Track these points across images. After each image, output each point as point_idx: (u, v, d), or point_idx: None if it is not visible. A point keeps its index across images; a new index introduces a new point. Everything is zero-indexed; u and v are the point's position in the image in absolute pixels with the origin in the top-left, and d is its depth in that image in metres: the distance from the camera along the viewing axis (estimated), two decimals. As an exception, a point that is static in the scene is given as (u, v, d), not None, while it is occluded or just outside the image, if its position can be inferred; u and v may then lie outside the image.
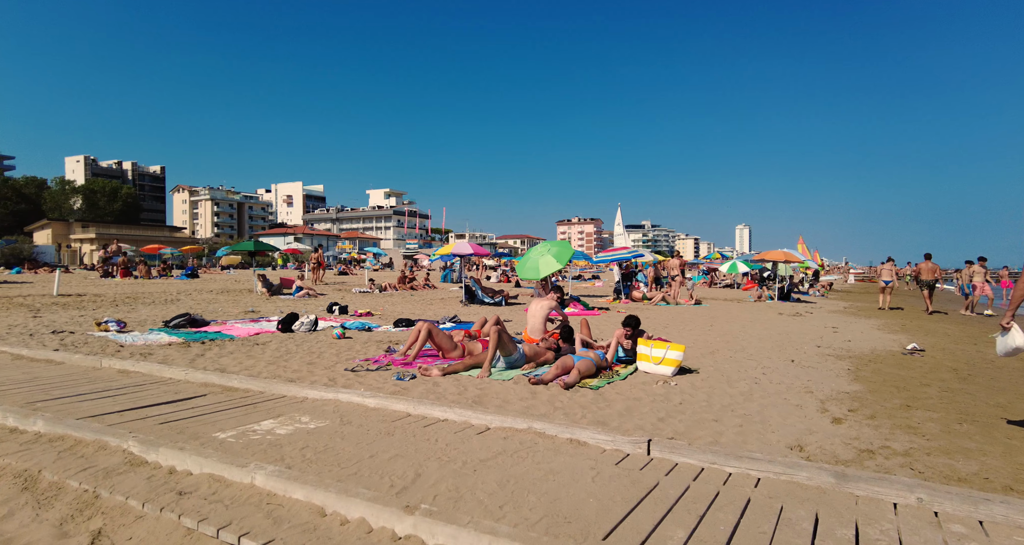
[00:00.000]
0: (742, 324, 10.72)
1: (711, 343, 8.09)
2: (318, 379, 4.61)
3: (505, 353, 5.27)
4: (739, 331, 9.56)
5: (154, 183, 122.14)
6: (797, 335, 9.26)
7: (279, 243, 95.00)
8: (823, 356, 7.31)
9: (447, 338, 5.61)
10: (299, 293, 16.41)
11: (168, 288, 17.70)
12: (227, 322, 9.47)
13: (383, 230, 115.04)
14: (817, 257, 42.75)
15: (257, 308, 12.45)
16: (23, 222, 68.58)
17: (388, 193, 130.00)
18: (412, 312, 12.53)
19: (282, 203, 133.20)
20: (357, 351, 6.56)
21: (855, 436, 3.70)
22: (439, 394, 4.17)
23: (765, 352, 7.46)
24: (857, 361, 6.99)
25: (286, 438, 2.89)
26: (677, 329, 9.70)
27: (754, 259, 20.97)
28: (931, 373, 6.31)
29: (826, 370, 6.32)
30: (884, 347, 8.20)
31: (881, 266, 17.00)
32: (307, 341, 7.44)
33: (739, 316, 12.49)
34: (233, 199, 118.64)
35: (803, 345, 8.19)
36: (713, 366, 6.26)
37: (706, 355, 7.05)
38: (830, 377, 5.95)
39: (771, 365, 6.50)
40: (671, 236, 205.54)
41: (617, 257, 16.75)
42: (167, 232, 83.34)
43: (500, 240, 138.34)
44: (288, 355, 6.13)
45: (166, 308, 11.73)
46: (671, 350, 5.61)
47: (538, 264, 12.52)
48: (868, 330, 10.29)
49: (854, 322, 11.81)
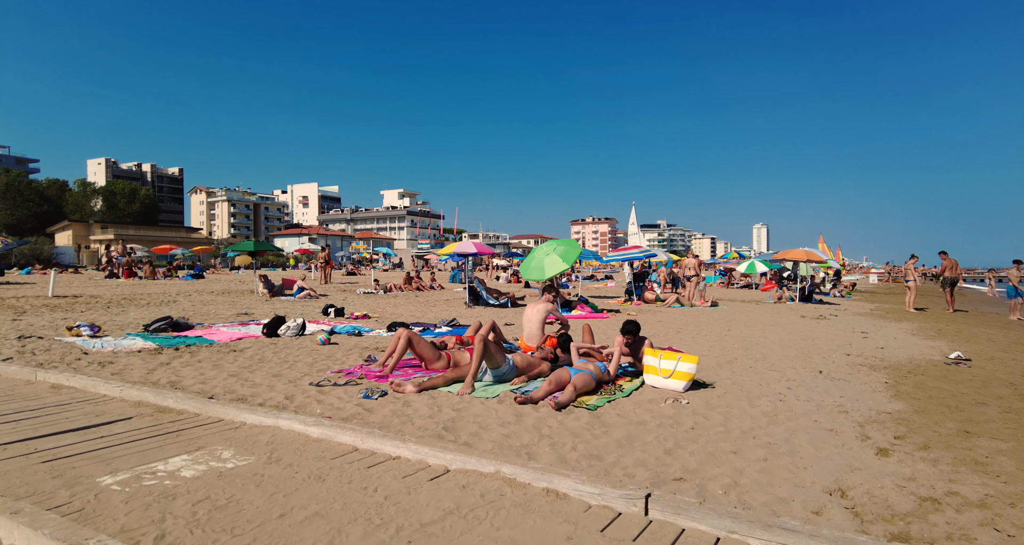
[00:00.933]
0: (762, 328, 9.94)
1: (728, 351, 7.36)
2: (274, 396, 4.03)
3: (492, 365, 4.64)
4: (759, 336, 8.80)
5: (172, 184, 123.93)
6: (823, 341, 8.48)
7: (294, 243, 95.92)
8: (854, 366, 6.55)
9: (429, 347, 4.99)
10: (300, 294, 15.97)
11: (169, 289, 17.39)
12: (213, 326, 8.98)
13: (396, 230, 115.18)
14: (839, 256, 41.42)
15: (252, 310, 11.98)
16: (46, 223, 69.78)
17: (402, 193, 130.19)
18: (412, 314, 11.97)
19: (298, 204, 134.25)
20: (336, 359, 5.98)
21: (910, 475, 3.00)
22: (406, 417, 3.55)
23: (789, 361, 6.72)
24: (894, 372, 6.22)
25: (186, 485, 2.30)
26: (691, 334, 8.97)
27: (774, 258, 20.02)
28: (984, 388, 5.53)
29: (860, 384, 5.58)
30: (923, 355, 7.39)
31: (906, 264, 16.28)
32: (288, 347, 6.89)
33: (758, 319, 11.69)
34: (249, 200, 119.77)
35: (830, 353, 7.42)
36: (731, 379, 5.56)
37: (723, 365, 6.33)
38: (866, 392, 5.21)
39: (796, 377, 5.77)
40: (687, 236, 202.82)
41: (629, 256, 16.01)
42: (184, 233, 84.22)
43: (513, 240, 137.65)
44: (259, 364, 5.58)
45: (157, 310, 11.32)
46: (682, 362, 4.92)
47: (543, 264, 11.86)
48: (902, 335, 9.45)
49: (884, 326, 10.95)
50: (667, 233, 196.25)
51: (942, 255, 14.88)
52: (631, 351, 5.65)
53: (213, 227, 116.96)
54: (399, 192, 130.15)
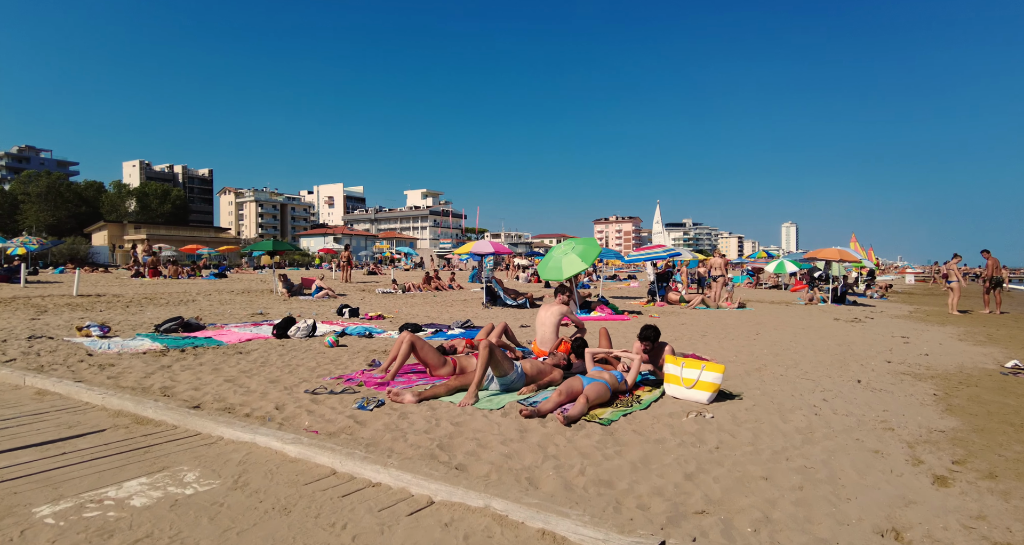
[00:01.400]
0: (793, 332, 9.38)
1: (757, 356, 6.88)
2: (265, 405, 3.77)
3: (499, 373, 4.30)
4: (790, 341, 8.27)
5: (202, 185, 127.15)
6: (860, 347, 7.91)
7: (319, 243, 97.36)
8: (897, 375, 6.01)
9: (434, 352, 4.68)
10: (319, 294, 15.92)
11: (190, 288, 17.55)
12: (225, 326, 8.87)
13: (419, 230, 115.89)
14: (872, 255, 39.85)
15: (268, 310, 11.91)
16: (84, 223, 72.25)
17: (425, 193, 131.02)
18: (427, 315, 11.73)
19: (324, 204, 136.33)
20: (341, 363, 5.74)
21: (977, 513, 2.56)
22: (400, 432, 3.25)
23: (823, 369, 6.22)
24: (943, 383, 5.67)
25: (130, 518, 2.02)
26: (716, 338, 8.49)
27: (804, 258, 19.19)
28: (1047, 402, 4.96)
29: (905, 396, 5.07)
30: (974, 363, 6.79)
31: (948, 264, 15.50)
32: (295, 350, 6.68)
33: (789, 322, 11.10)
34: (276, 200, 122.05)
35: (869, 360, 6.87)
36: (760, 388, 5.11)
37: (751, 373, 5.87)
38: (913, 405, 4.71)
39: (832, 387, 5.28)
40: (713, 234, 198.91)
41: (651, 256, 15.49)
42: (212, 232, 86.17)
43: (536, 239, 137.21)
44: (260, 368, 5.36)
45: (175, 309, 11.32)
46: (707, 371, 4.50)
47: (561, 264, 11.48)
48: (947, 341, 8.78)
49: (926, 330, 10.25)
50: (692, 232, 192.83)
51: (985, 254, 14.32)
52: (650, 358, 5.25)
53: (241, 227, 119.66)
54: (422, 192, 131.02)
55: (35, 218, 72.43)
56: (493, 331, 6.68)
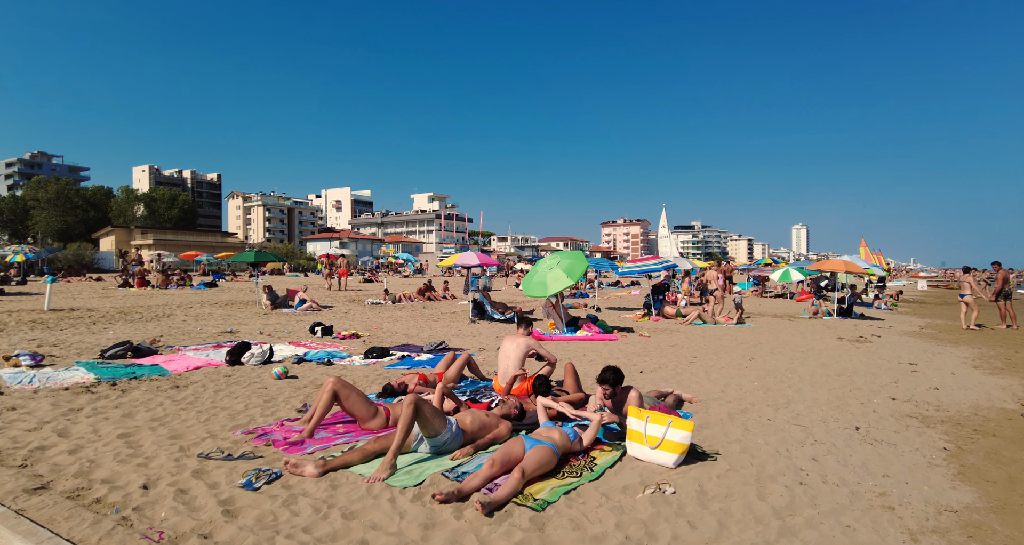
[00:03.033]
0: (791, 356, 8.66)
1: (746, 392, 6.20)
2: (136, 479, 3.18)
3: (429, 432, 3.68)
4: (786, 369, 7.57)
5: (211, 190, 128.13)
6: (863, 377, 7.20)
7: (324, 248, 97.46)
8: (902, 418, 5.32)
9: (362, 402, 4.06)
10: (302, 307, 15.40)
11: (173, 300, 17.11)
12: (183, 349, 8.33)
13: (426, 234, 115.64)
14: (881, 259, 38.75)
15: (241, 327, 11.39)
16: (92, 229, 72.80)
17: (432, 197, 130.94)
18: (406, 332, 11.15)
19: (331, 208, 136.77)
20: (274, 405, 5.16)
21: None
22: (273, 530, 2.63)
23: (819, 409, 5.53)
24: (956, 430, 4.97)
25: None
26: (705, 366, 7.80)
27: (809, 269, 18.41)
28: (1079, 461, 4.25)
29: (910, 450, 4.38)
30: (991, 401, 6.06)
31: (960, 277, 14.77)
32: (238, 382, 6.12)
33: (789, 342, 10.36)
34: (284, 205, 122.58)
35: (872, 395, 6.17)
36: (741, 441, 4.44)
37: (735, 416, 5.20)
38: (919, 466, 4.03)
39: (826, 438, 4.61)
40: (723, 237, 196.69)
41: (645, 268, 14.79)
42: (219, 237, 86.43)
43: (543, 243, 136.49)
44: (180, 411, 4.79)
45: (144, 326, 10.84)
46: (673, 428, 3.86)
47: (546, 279, 10.86)
48: (961, 368, 8.03)
49: (939, 353, 9.48)
50: (702, 235, 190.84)
51: (995, 266, 14.05)
52: (614, 406, 4.60)
53: (249, 231, 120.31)
54: (429, 195, 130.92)
55: (44, 224, 73.11)
56: (453, 363, 6.08)
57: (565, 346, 9.48)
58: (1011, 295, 13.85)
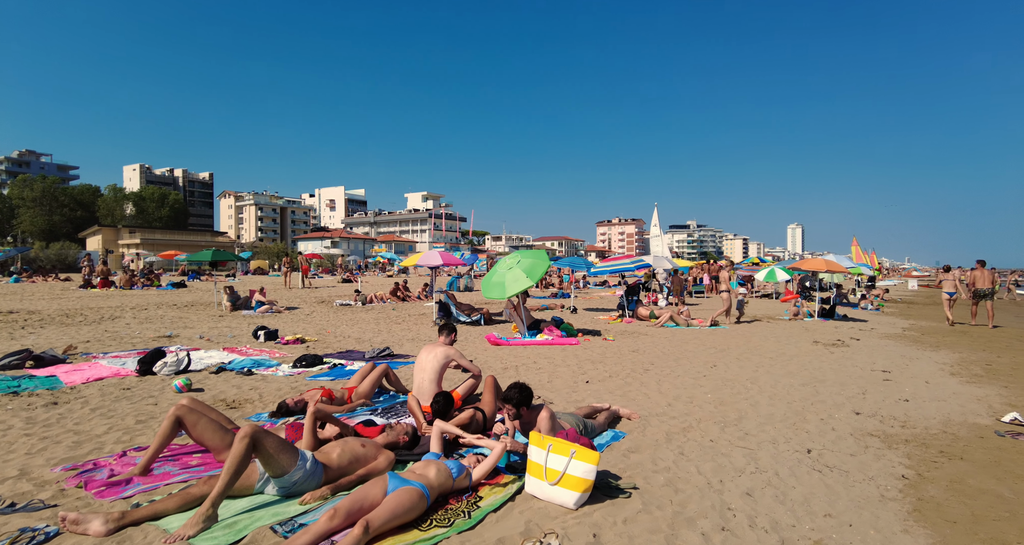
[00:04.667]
0: (757, 363, 8.07)
1: (696, 406, 5.59)
2: None
3: (274, 471, 3.04)
4: (748, 379, 6.97)
5: (203, 189, 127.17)
6: (831, 386, 6.60)
7: (317, 247, 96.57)
8: (862, 437, 4.72)
9: (214, 429, 3.43)
10: (260, 308, 14.75)
11: (130, 302, 16.41)
12: (98, 357, 7.68)
13: (419, 233, 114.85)
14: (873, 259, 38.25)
15: (184, 331, 10.73)
16: (79, 228, 71.83)
17: (426, 196, 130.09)
18: (359, 336, 10.51)
19: (325, 207, 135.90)
20: (150, 427, 4.53)
21: None
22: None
23: (773, 427, 4.93)
24: (920, 452, 4.38)
25: None
26: (659, 374, 7.19)
27: (790, 268, 17.85)
28: (1056, 494, 3.66)
29: (863, 480, 3.78)
30: (963, 415, 5.47)
31: (941, 275, 15.24)
32: (130, 397, 5.49)
33: (760, 346, 9.77)
34: (276, 204, 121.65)
35: (835, 409, 5.58)
36: (669, 471, 3.83)
37: (674, 437, 4.59)
38: (870, 503, 3.43)
39: (770, 465, 4.00)
40: (718, 237, 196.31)
41: (618, 268, 14.18)
42: (210, 236, 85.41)
43: (537, 242, 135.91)
44: (25, 435, 4.16)
45: (78, 330, 10.17)
46: (576, 460, 3.24)
47: (505, 280, 10.24)
48: (937, 376, 7.45)
49: (916, 359, 8.90)
50: (697, 234, 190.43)
51: (978, 265, 14.13)
52: (522, 430, 3.99)
53: (241, 231, 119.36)
54: (423, 195, 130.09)
55: (29, 223, 72.07)
56: (368, 375, 5.46)
57: (520, 351, 8.87)
58: (991, 295, 13.79)
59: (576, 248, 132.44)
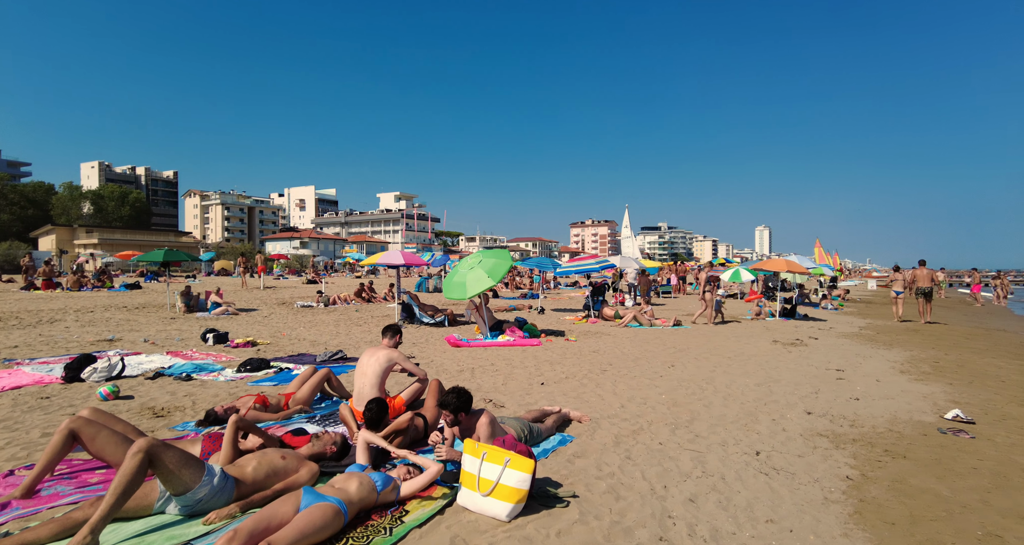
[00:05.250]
0: (715, 363, 8.06)
1: (648, 407, 5.49)
2: None
3: (175, 488, 2.77)
4: (704, 379, 6.93)
5: (167, 188, 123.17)
6: (785, 386, 6.61)
7: (285, 247, 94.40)
8: (812, 437, 4.69)
9: (116, 444, 3.12)
10: (216, 310, 14.19)
11: (74, 304, 15.58)
12: (22, 364, 7.17)
13: (391, 234, 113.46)
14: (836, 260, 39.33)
15: (128, 334, 10.18)
16: (31, 227, 68.53)
17: (399, 196, 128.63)
18: (316, 339, 10.16)
19: (295, 207, 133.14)
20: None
21: None
22: None
23: (723, 428, 4.86)
24: (866, 451, 4.35)
25: None
26: (618, 373, 7.11)
27: (753, 268, 18.13)
28: (997, 490, 3.67)
29: (809, 481, 3.72)
30: (910, 412, 5.51)
31: (892, 275, 16.62)
32: (46, 408, 5.09)
33: (720, 346, 9.80)
34: (244, 203, 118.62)
35: (788, 409, 5.55)
36: (613, 478, 3.70)
37: (623, 440, 4.47)
38: (813, 506, 3.35)
39: (717, 468, 3.91)
40: (688, 238, 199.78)
41: (582, 268, 14.13)
42: (173, 236, 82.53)
43: (512, 243, 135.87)
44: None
45: (8, 335, 9.53)
46: (510, 469, 3.07)
47: (466, 280, 10.03)
48: (888, 374, 7.55)
49: (870, 356, 9.05)
50: (668, 235, 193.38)
51: (921, 264, 14.97)
52: (462, 436, 3.80)
53: (207, 231, 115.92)
54: (395, 195, 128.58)
55: (-27, 221, 68.49)
56: (308, 380, 5.19)
57: (480, 352, 8.68)
58: (930, 294, 14.72)
59: (550, 249, 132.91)
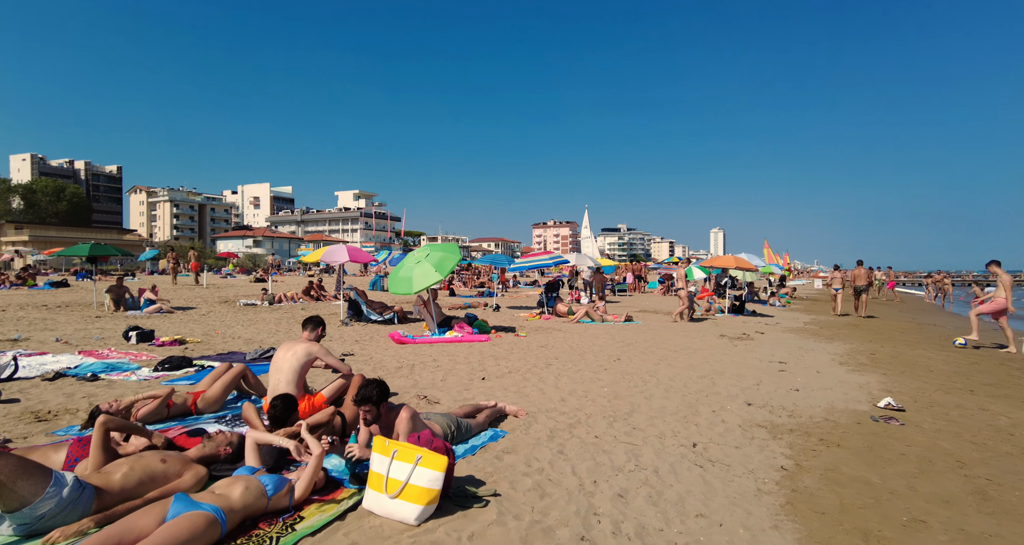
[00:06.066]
0: (660, 356, 8.00)
1: (589, 401, 5.32)
2: None
3: (9, 504, 2.35)
4: (649, 371, 6.83)
5: (110, 183, 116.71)
6: (729, 378, 6.57)
7: (238, 246, 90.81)
8: (750, 428, 4.60)
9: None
10: (149, 307, 13.31)
11: (-11, 303, 14.33)
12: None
13: (350, 233, 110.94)
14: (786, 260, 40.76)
15: (39, 334, 9.34)
16: (-51, 223, 63.57)
17: (358, 195, 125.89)
18: (250, 338, 9.59)
19: (249, 204, 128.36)
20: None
21: None
22: None
23: (663, 421, 4.72)
24: (802, 441, 4.29)
25: None
26: (563, 367, 6.93)
27: (704, 265, 18.46)
28: (922, 474, 3.64)
29: (744, 473, 3.60)
30: (846, 402, 5.54)
31: (832, 274, 18.39)
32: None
33: (666, 341, 9.80)
34: (194, 200, 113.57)
35: (728, 401, 5.48)
36: (541, 474, 3.47)
37: (558, 434, 4.26)
38: (745, 498, 3.22)
39: (651, 461, 3.75)
40: (646, 239, 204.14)
41: (535, 264, 13.98)
42: (115, 234, 78.09)
43: (474, 243, 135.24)
44: None
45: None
46: (421, 467, 2.79)
47: (412, 275, 9.66)
48: (827, 366, 7.66)
49: (812, 350, 9.21)
50: (627, 237, 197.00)
51: (859, 264, 16.31)
52: (383, 432, 3.50)
53: (154, 229, 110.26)
54: (354, 193, 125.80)
55: None
56: (222, 377, 4.76)
57: (425, 349, 8.36)
58: (865, 290, 16.25)
59: (512, 249, 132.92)
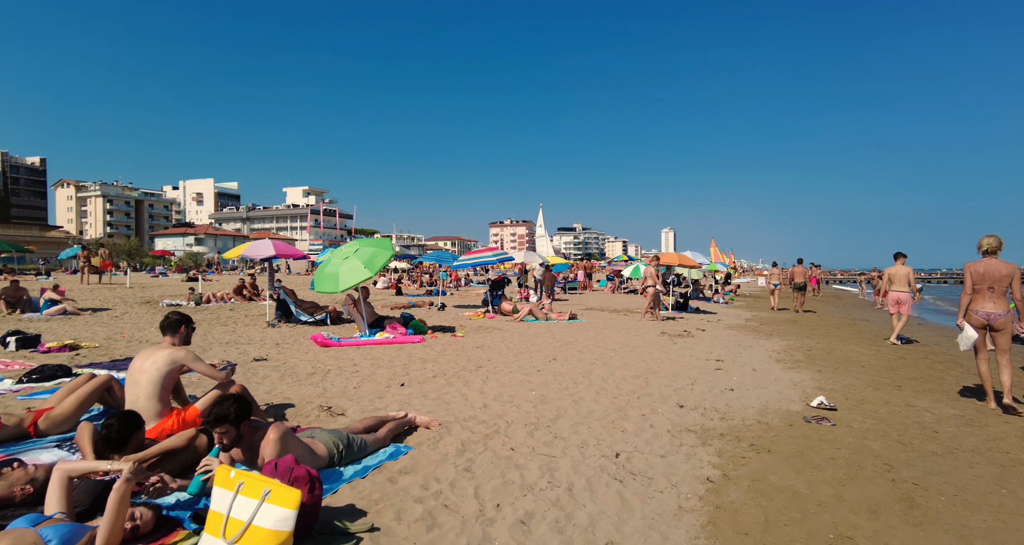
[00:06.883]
0: (599, 355, 7.71)
1: (514, 405, 4.90)
2: None
3: None
4: (584, 371, 6.50)
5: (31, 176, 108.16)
6: (663, 378, 6.31)
7: (178, 244, 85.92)
8: (680, 433, 4.30)
9: None
10: (51, 309, 12.02)
11: None
12: None
13: (298, 230, 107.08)
14: (731, 258, 41.96)
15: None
16: None
17: (307, 191, 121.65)
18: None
19: (191, 201, 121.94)
20: None
21: None
22: None
23: (588, 426, 4.36)
24: (732, 447, 4.01)
25: None
26: (493, 369, 6.51)
27: (648, 262, 18.54)
28: (851, 481, 3.40)
29: (667, 487, 3.26)
30: (779, 402, 5.35)
31: (771, 270, 19.45)
32: None
33: (608, 338, 9.55)
34: (130, 196, 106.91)
35: (660, 403, 5.19)
36: (436, 499, 3.01)
37: (470, 446, 3.81)
38: (664, 518, 2.86)
39: (567, 476, 3.35)
40: (601, 239, 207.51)
41: (479, 261, 13.53)
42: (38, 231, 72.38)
43: (430, 242, 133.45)
44: None
45: None
46: (268, 503, 2.27)
47: (339, 272, 8.99)
48: (764, 363, 7.56)
49: (750, 347, 9.16)
50: (582, 236, 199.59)
51: (799, 261, 17.19)
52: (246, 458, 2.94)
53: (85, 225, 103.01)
54: (304, 189, 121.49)
55: None
56: (78, 390, 4.06)
57: (349, 352, 7.74)
58: (803, 287, 17.05)
59: (469, 248, 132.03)
